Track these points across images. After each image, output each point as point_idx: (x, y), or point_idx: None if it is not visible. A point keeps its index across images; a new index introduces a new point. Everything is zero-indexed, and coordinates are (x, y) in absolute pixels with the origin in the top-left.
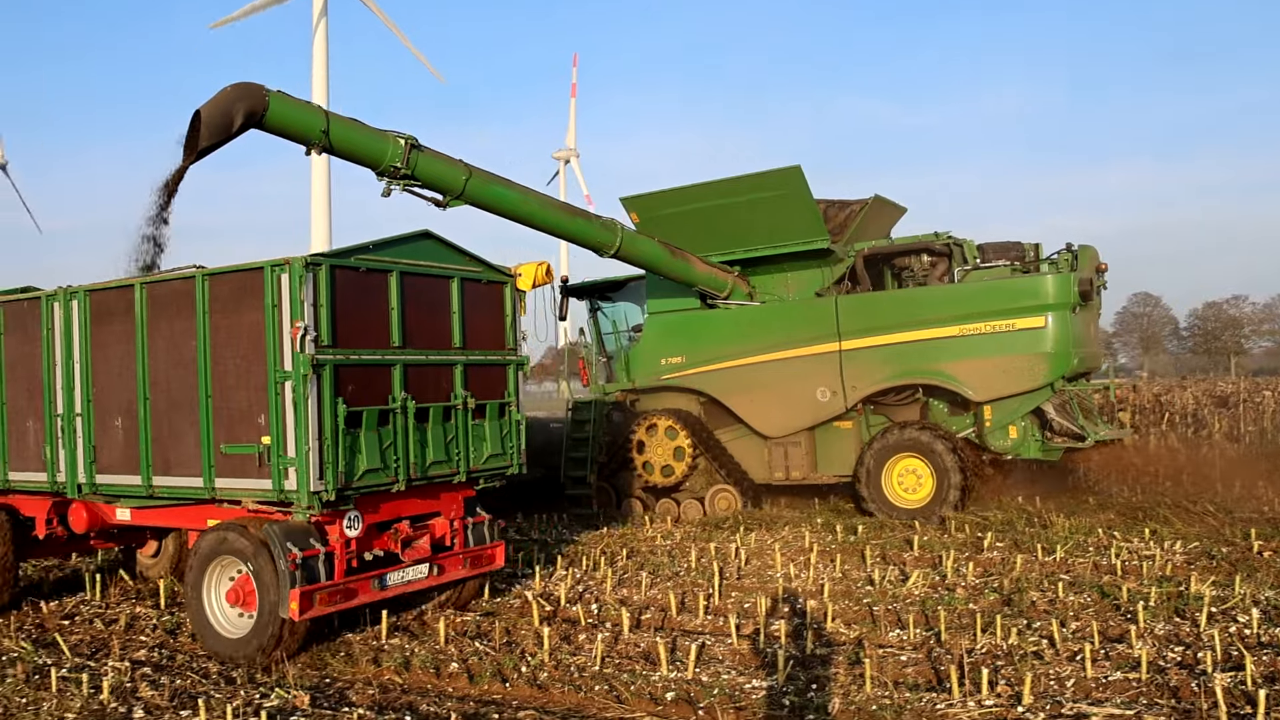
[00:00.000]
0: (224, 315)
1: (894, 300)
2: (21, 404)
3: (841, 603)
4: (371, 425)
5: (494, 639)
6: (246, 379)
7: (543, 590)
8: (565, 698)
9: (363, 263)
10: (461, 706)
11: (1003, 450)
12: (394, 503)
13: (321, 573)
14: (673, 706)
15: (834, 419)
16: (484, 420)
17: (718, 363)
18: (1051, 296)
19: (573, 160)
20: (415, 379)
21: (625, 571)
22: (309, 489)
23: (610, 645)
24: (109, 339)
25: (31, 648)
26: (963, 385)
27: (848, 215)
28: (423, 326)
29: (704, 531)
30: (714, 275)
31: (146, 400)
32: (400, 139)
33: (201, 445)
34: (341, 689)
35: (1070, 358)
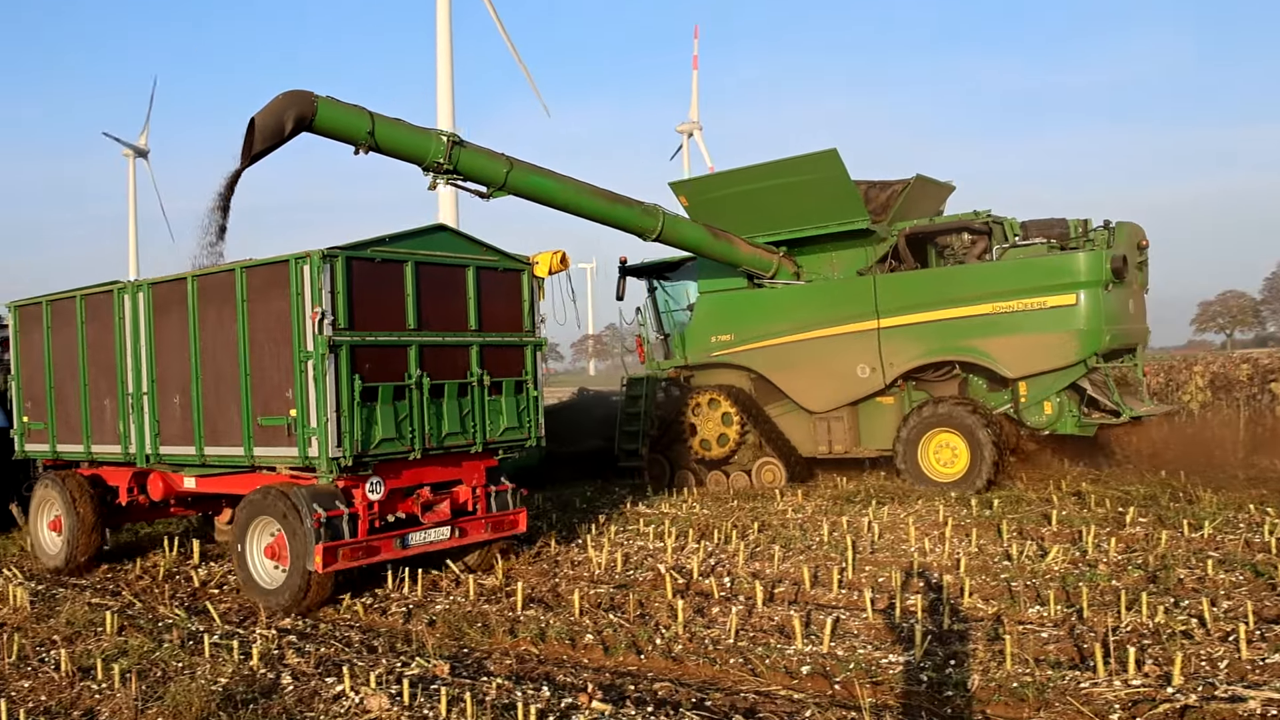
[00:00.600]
0: (259, 303)
1: (929, 279)
2: (100, 385)
3: (978, 578)
4: (387, 399)
5: (628, 611)
6: (277, 359)
7: (675, 564)
8: (700, 670)
9: (378, 254)
10: (598, 677)
11: (1038, 425)
12: (414, 470)
13: (345, 531)
14: (808, 680)
15: (875, 394)
16: (500, 396)
17: (764, 340)
18: (1083, 274)
19: (696, 133)
20: (431, 358)
21: (757, 545)
22: (328, 455)
23: (744, 618)
24: (168, 326)
25: (185, 615)
26: (996, 362)
27: (889, 195)
28: (438, 311)
29: (835, 505)
30: (758, 256)
31: (198, 379)
32: (443, 136)
33: (242, 418)
34: (479, 659)
35: (1102, 335)
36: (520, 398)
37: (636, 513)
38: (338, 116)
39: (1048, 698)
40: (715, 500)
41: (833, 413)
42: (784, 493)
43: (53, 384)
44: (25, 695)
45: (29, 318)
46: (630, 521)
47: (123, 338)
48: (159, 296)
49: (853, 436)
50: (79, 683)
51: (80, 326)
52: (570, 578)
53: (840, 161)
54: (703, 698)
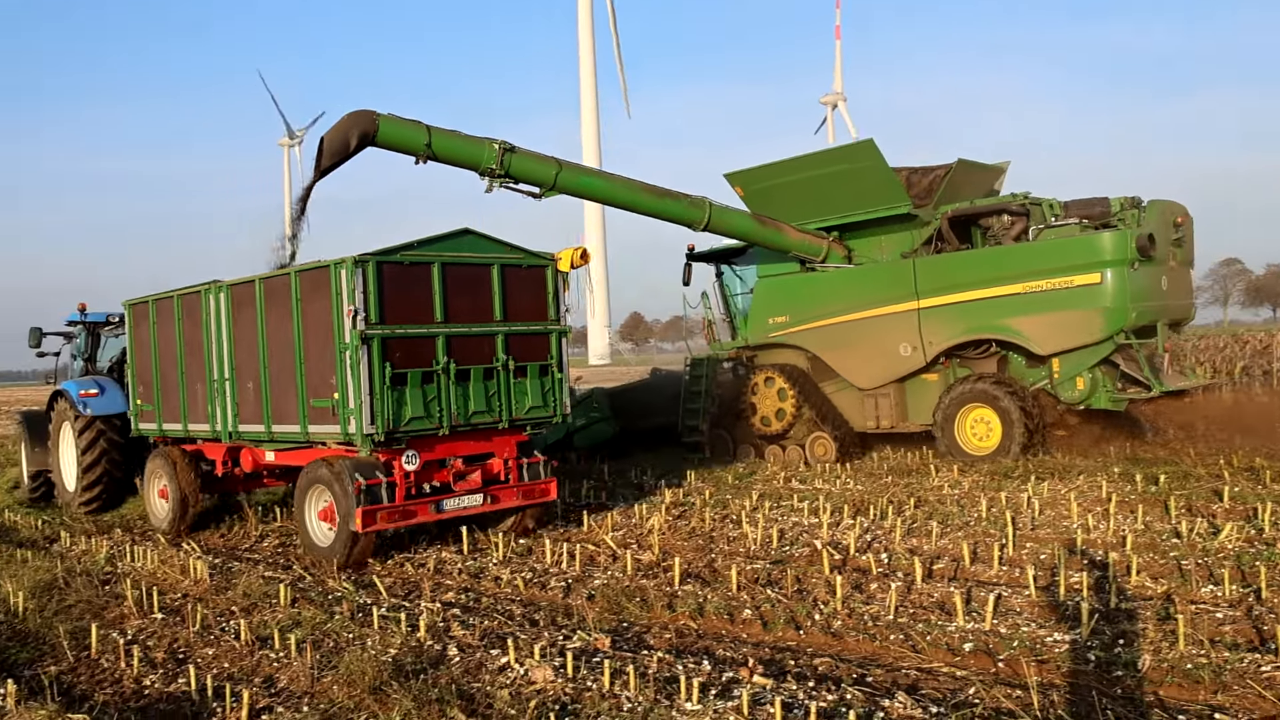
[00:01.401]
0: (308, 302)
1: (964, 260)
2: (194, 372)
3: (1145, 555)
4: (416, 384)
5: (785, 587)
6: (323, 350)
7: (831, 539)
8: (860, 646)
9: (407, 257)
10: (757, 652)
11: (1072, 401)
12: (447, 444)
13: (384, 497)
14: (971, 657)
15: (918, 372)
16: (526, 379)
17: (816, 321)
18: (1108, 253)
19: (840, 104)
20: (459, 347)
21: (913, 521)
22: (363, 432)
23: (903, 595)
24: (243, 321)
25: (353, 588)
26: (1027, 339)
27: (932, 180)
28: (464, 305)
29: (992, 481)
30: (807, 241)
31: (265, 367)
32: (495, 144)
33: (299, 400)
34: (639, 633)
35: (1128, 312)
36: (545, 380)
37: (790, 489)
38: (398, 131)
39: (1225, 680)
40: (869, 476)
41: (880, 389)
42: (939, 468)
43: (158, 371)
44: (210, 662)
45: (139, 314)
46: (784, 498)
47: (209, 332)
48: (236, 296)
49: (900, 412)
50: (258, 651)
51: (177, 322)
52: (726, 553)
53: (877, 151)
54: (863, 674)
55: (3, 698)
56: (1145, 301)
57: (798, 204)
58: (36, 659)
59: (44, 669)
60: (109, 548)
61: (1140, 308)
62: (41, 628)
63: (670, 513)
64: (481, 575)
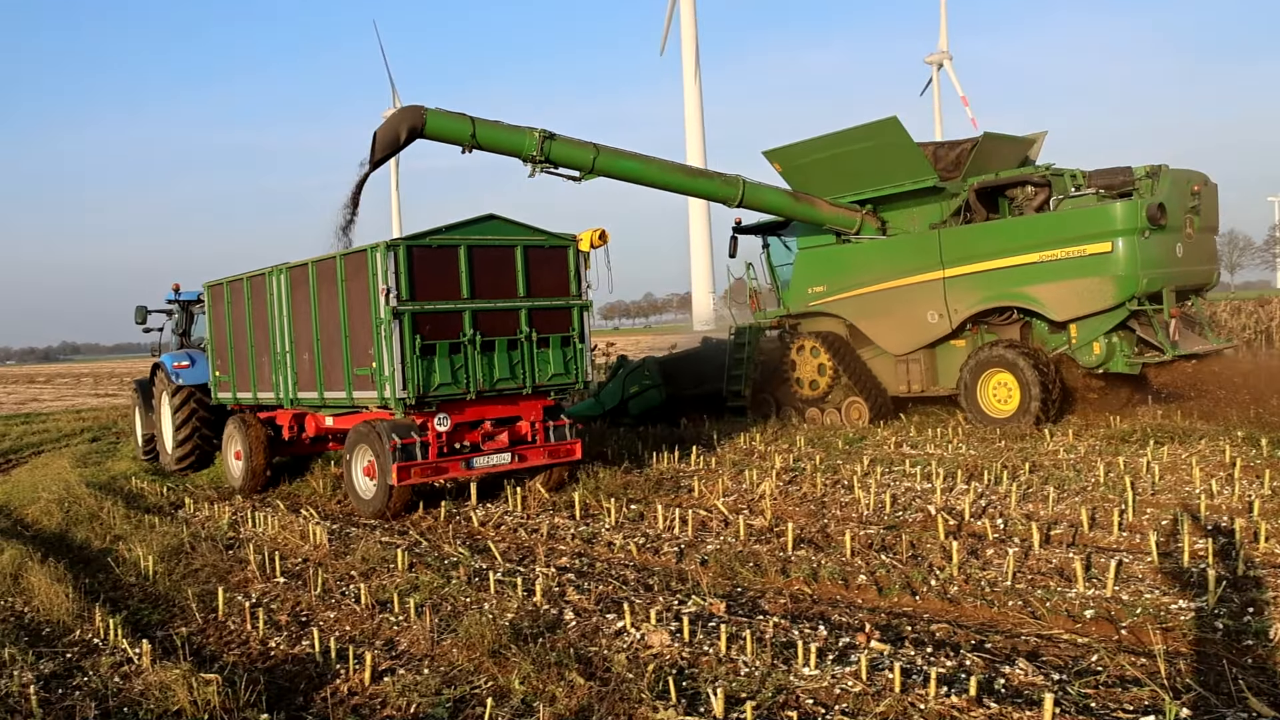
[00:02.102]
0: (351, 282)
1: (985, 231)
2: (260, 345)
3: (1275, 522)
4: (444, 353)
5: (900, 552)
6: (364, 324)
7: (945, 505)
8: (977, 612)
9: (435, 241)
10: (873, 618)
11: (1089, 365)
12: (477, 408)
13: (417, 454)
14: (1092, 625)
15: (946, 338)
16: (549, 349)
17: (851, 290)
18: (1119, 223)
19: (946, 64)
20: (484, 320)
21: (1029, 486)
22: (396, 396)
23: (1020, 561)
24: (300, 300)
25: (469, 553)
26: (1044, 306)
27: (959, 153)
28: (489, 283)
29: (1110, 445)
30: (840, 214)
31: (318, 340)
32: (535, 132)
33: (344, 369)
34: (753, 598)
35: (1139, 279)
36: (567, 350)
37: (901, 454)
38: (444, 124)
39: None
40: (981, 441)
41: (911, 355)
42: (1054, 433)
43: (232, 345)
44: (331, 625)
45: (216, 295)
46: (895, 463)
47: (272, 309)
48: (293, 278)
49: (930, 376)
50: (378, 615)
51: (247, 301)
52: (839, 519)
53: (901, 127)
54: (982, 640)
55: (139, 656)
56: (1157, 268)
57: (832, 179)
58: (167, 620)
59: (175, 630)
60: (231, 514)
61: (1152, 274)
62: (171, 590)
63: (781, 478)
64: (594, 540)
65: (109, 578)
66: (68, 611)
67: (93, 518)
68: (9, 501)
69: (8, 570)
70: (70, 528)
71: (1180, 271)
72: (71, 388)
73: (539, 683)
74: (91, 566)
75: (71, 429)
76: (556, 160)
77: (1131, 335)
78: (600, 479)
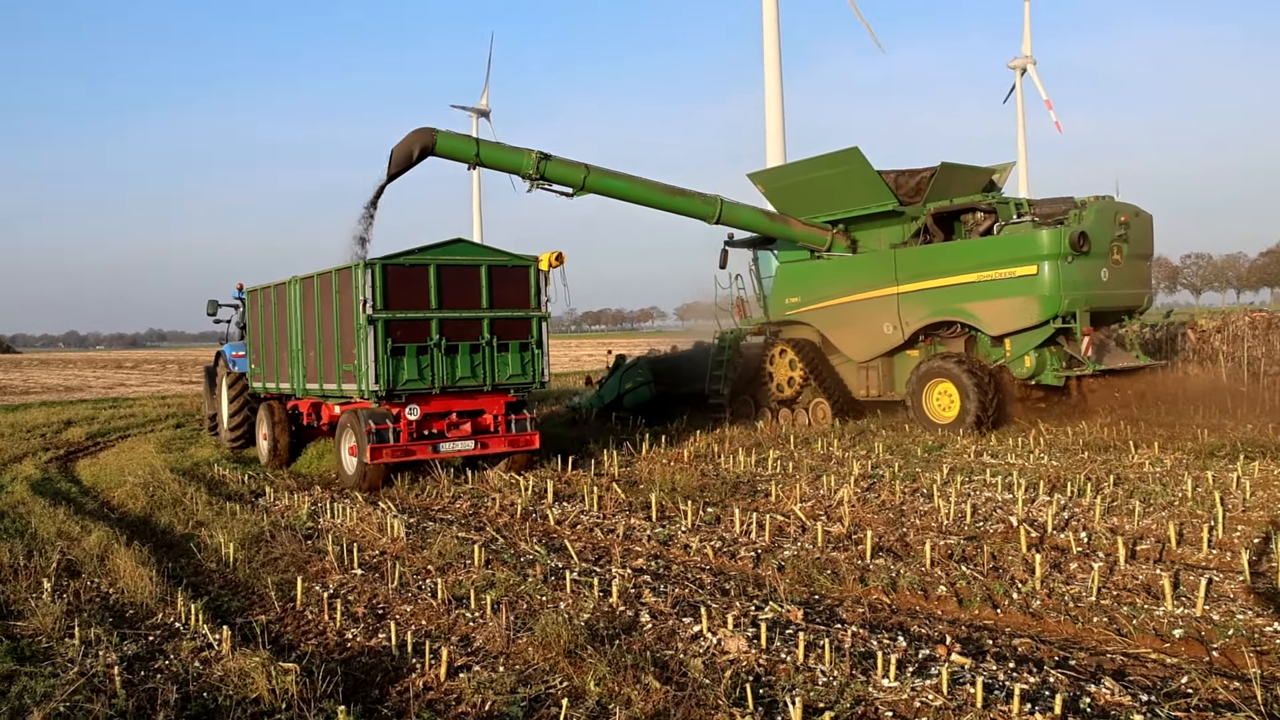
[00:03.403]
0: (342, 293)
1: (933, 252)
2: (281, 343)
3: None
4: (413, 354)
5: (980, 564)
6: (348, 328)
7: (1026, 516)
8: (1061, 628)
9: (408, 260)
10: (954, 630)
11: (1022, 376)
12: (444, 401)
13: (390, 438)
14: (1181, 644)
15: (901, 348)
16: (508, 353)
17: (821, 302)
18: (1045, 248)
19: (1030, 68)
20: (450, 327)
21: (1113, 499)
22: (370, 389)
23: (1105, 576)
24: (308, 307)
25: (545, 551)
26: (980, 321)
27: (919, 181)
28: (455, 295)
29: (1197, 459)
30: (812, 233)
31: (320, 341)
32: (533, 153)
33: (335, 365)
34: (831, 606)
35: (1061, 300)
36: (525, 354)
37: (981, 463)
38: (452, 144)
39: None
40: (1064, 451)
41: (870, 363)
42: (1139, 445)
43: (263, 342)
44: (408, 619)
45: (253, 299)
46: (975, 472)
47: (290, 313)
48: (304, 287)
49: (887, 383)
50: (454, 610)
51: (273, 306)
52: (918, 528)
53: (862, 156)
54: (1066, 656)
55: (219, 643)
56: (1079, 290)
57: (807, 200)
58: (247, 607)
59: (254, 617)
60: (310, 504)
61: (1074, 295)
62: (250, 578)
63: (859, 485)
64: (670, 542)
65: (190, 563)
66: (151, 595)
67: (176, 503)
68: (97, 483)
69: (95, 551)
70: (154, 512)
71: (1105, 294)
72: (157, 374)
73: (614, 685)
74: (174, 551)
75: (156, 415)
76: (551, 178)
77: (1061, 350)
78: (677, 480)
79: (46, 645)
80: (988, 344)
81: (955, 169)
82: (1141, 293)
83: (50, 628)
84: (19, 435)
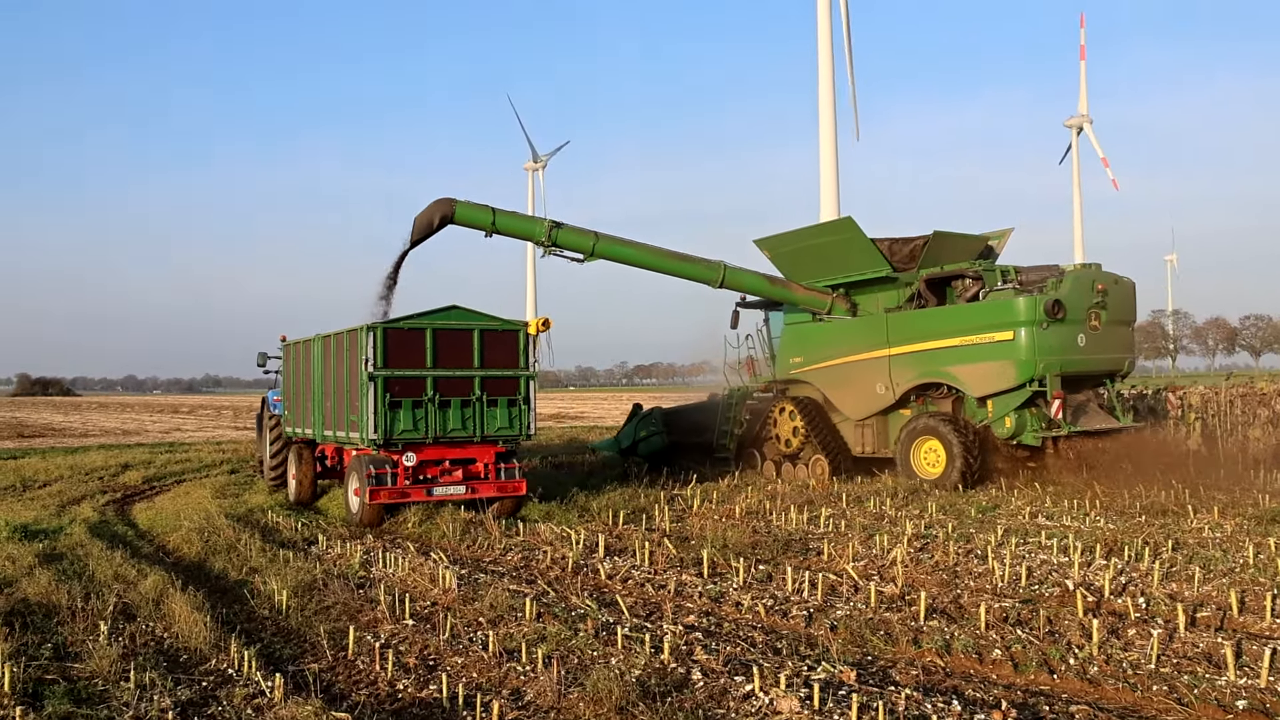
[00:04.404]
0: (350, 352)
1: (921, 316)
2: (306, 393)
3: None
4: (409, 408)
5: (1036, 627)
6: (354, 383)
7: (1083, 580)
8: (1119, 695)
9: (407, 324)
10: (1009, 695)
11: (1003, 436)
12: (439, 449)
13: (388, 481)
14: (1245, 716)
15: (893, 407)
16: (497, 408)
17: (821, 362)
18: (1021, 315)
19: (1086, 127)
20: (444, 384)
21: (1172, 564)
22: (369, 438)
23: (1165, 643)
24: (326, 362)
25: (596, 606)
26: (963, 383)
27: (913, 248)
28: (450, 356)
29: (1259, 525)
30: (812, 296)
31: (334, 392)
32: (545, 221)
33: (345, 415)
34: (884, 667)
35: (1036, 364)
36: (513, 409)
37: (1036, 525)
38: (470, 213)
39: None
40: (1120, 514)
41: (866, 421)
42: (1197, 510)
43: (293, 391)
44: (459, 671)
45: (287, 352)
46: (1030, 534)
47: (314, 367)
48: (325, 345)
49: (881, 440)
50: (505, 663)
51: (302, 359)
52: (972, 589)
53: (855, 225)
54: None
55: (271, 690)
56: (1054, 355)
57: (809, 266)
58: (299, 655)
59: (306, 665)
60: (363, 553)
61: (1048, 360)
62: (302, 626)
63: (913, 544)
64: (722, 599)
65: (244, 609)
66: (205, 640)
67: (230, 549)
68: (153, 527)
69: (151, 595)
70: (209, 557)
71: (1081, 359)
72: (212, 419)
73: None
74: (228, 597)
75: (211, 460)
76: (563, 245)
77: (1040, 411)
78: (728, 537)
79: (103, 688)
80: (974, 404)
81: (948, 237)
82: (1122, 357)
83: (107, 670)
84: (78, 478)
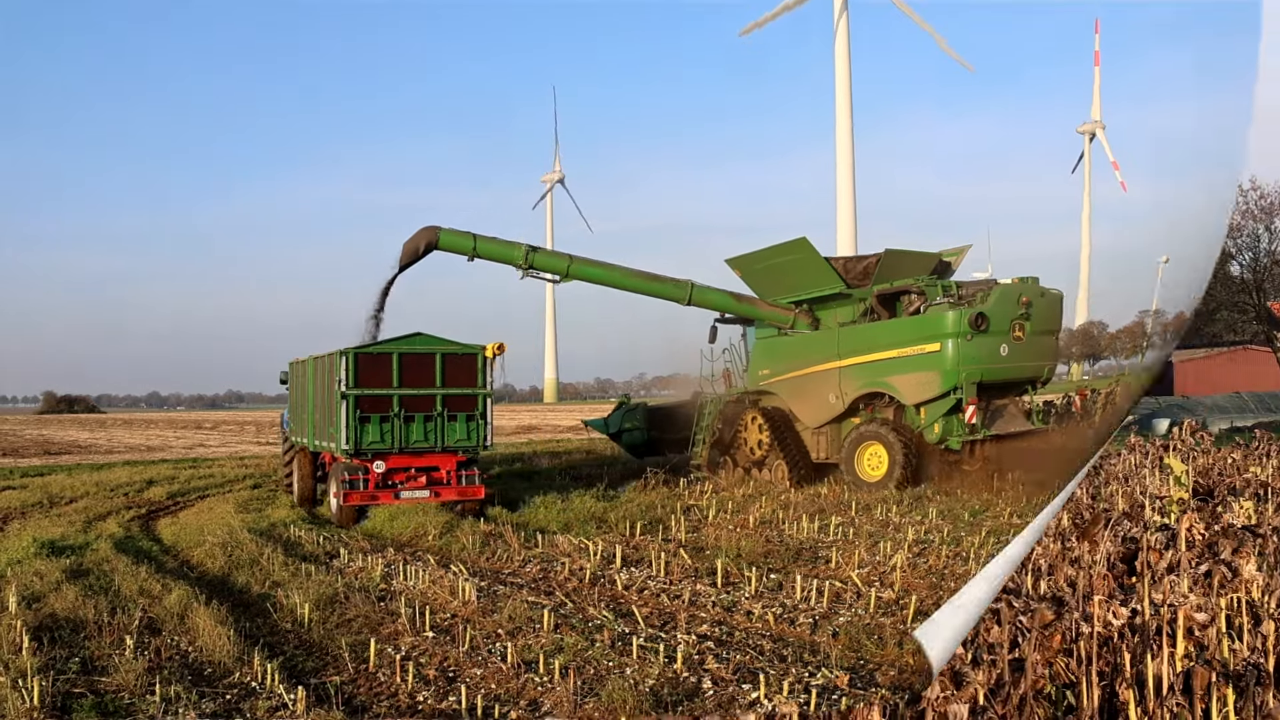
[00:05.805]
0: (332, 373)
1: (866, 331)
2: (303, 406)
3: None
4: (377, 422)
5: None
6: (332, 400)
7: None
8: None
9: (375, 349)
10: None
11: (932, 440)
12: (405, 458)
13: (361, 485)
14: None
15: (844, 415)
16: (456, 422)
17: (784, 374)
18: (947, 327)
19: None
20: (408, 401)
21: None
22: (342, 447)
23: None
24: (317, 380)
25: (612, 617)
26: (899, 392)
27: (866, 266)
28: (413, 376)
29: None
30: (775, 312)
31: (320, 407)
32: (523, 246)
33: (325, 427)
34: (871, 670)
35: (959, 373)
36: (471, 424)
37: (1021, 524)
38: (453, 240)
39: None
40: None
41: (822, 428)
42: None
43: (295, 405)
44: (478, 682)
45: (291, 370)
46: (1015, 531)
47: (309, 384)
48: (316, 365)
49: (834, 446)
50: (523, 674)
51: (300, 377)
52: (954, 590)
53: (810, 246)
54: None
55: (294, 703)
56: (977, 364)
57: (775, 283)
58: (320, 668)
59: (328, 678)
60: (384, 566)
61: (971, 369)
62: (324, 639)
63: (912, 550)
64: (734, 609)
65: (267, 622)
66: (228, 654)
67: (253, 563)
68: (177, 543)
69: (175, 610)
70: (232, 571)
71: (1003, 368)
72: (235, 434)
73: None
74: (251, 610)
75: (234, 475)
76: (539, 267)
77: (963, 418)
78: (742, 546)
79: (129, 701)
80: (913, 412)
81: (900, 254)
82: (1042, 364)
83: (133, 684)
84: (103, 494)
